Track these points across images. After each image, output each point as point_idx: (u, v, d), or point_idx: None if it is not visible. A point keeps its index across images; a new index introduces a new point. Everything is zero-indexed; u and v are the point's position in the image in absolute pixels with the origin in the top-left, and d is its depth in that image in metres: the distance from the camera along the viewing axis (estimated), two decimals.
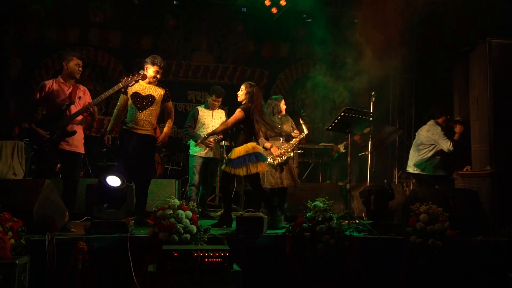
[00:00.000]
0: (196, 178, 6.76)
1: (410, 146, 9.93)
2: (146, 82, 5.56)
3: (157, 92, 5.58)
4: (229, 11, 9.66)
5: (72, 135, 5.10)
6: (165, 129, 5.68)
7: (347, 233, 4.74)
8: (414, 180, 7.28)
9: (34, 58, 9.29)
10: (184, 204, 4.45)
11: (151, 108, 5.53)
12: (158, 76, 5.59)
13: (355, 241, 4.69)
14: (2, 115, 8.78)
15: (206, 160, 6.79)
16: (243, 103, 5.53)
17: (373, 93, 6.45)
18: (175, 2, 9.21)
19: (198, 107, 7.04)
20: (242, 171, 5.32)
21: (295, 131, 6.42)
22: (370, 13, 9.28)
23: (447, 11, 8.06)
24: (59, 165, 5.65)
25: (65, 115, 5.08)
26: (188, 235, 4.24)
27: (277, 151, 6.15)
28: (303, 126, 6.39)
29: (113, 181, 4.60)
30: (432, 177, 6.69)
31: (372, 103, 6.38)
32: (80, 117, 5.20)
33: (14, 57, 9.22)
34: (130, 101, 5.51)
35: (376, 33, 9.44)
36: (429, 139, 6.74)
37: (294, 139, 6.32)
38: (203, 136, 6.07)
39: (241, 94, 5.60)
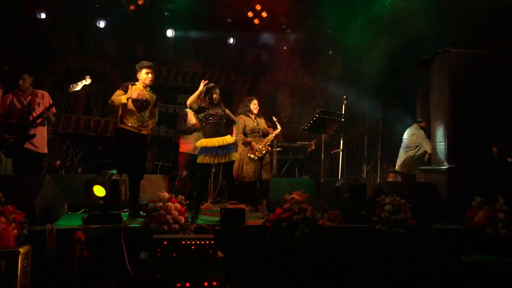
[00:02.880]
0: (184, 173, 6.76)
1: (378, 144, 10.14)
2: (142, 85, 5.40)
3: (151, 97, 5.48)
4: (216, 22, 9.63)
5: (32, 138, 5.47)
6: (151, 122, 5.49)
7: (320, 222, 4.78)
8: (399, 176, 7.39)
9: (37, 64, 9.13)
10: (173, 197, 4.46)
11: (147, 110, 5.43)
12: (150, 75, 5.37)
13: (327, 230, 4.74)
14: None
15: (193, 157, 6.78)
16: None
17: (344, 97, 6.50)
18: (166, 14, 9.15)
19: (186, 109, 7.03)
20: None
21: (270, 128, 6.37)
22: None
23: (412, 23, 8.15)
24: (58, 162, 5.68)
25: (26, 122, 5.43)
26: (176, 225, 4.25)
27: (256, 145, 6.12)
28: (276, 123, 6.37)
29: (99, 191, 4.55)
30: (421, 170, 6.76)
31: (344, 105, 6.44)
32: (40, 120, 5.53)
33: (18, 62, 9.08)
34: (129, 102, 5.29)
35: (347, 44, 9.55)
36: (414, 141, 6.89)
37: (270, 135, 6.27)
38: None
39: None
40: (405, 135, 7.12)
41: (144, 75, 5.37)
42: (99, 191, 4.45)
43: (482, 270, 4.43)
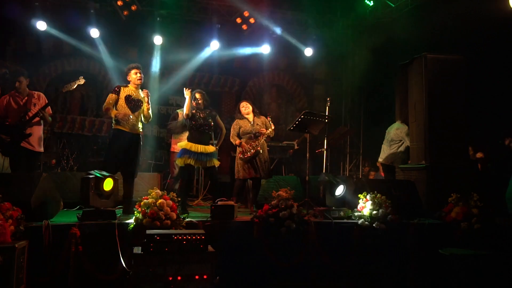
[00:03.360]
0: (176, 171, 6.70)
1: (360, 144, 10.18)
2: (134, 86, 5.38)
3: (142, 95, 5.45)
4: (205, 27, 9.58)
5: (28, 137, 5.39)
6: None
7: (305, 218, 4.76)
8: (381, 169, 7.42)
9: (32, 67, 9.00)
10: (165, 194, 4.41)
11: (140, 109, 5.39)
12: (139, 75, 5.36)
13: (313, 225, 4.72)
14: None
15: None
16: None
17: (328, 99, 6.49)
18: (158, 19, 9.07)
19: (178, 110, 6.98)
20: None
21: (262, 129, 6.13)
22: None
23: (392, 29, 8.20)
24: (54, 160, 5.60)
25: (22, 121, 5.38)
26: (168, 221, 4.20)
27: (246, 146, 6.03)
28: (270, 122, 6.22)
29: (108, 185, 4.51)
30: (400, 168, 6.78)
31: (327, 107, 6.43)
32: (36, 120, 5.44)
33: (14, 65, 8.94)
34: (123, 103, 5.25)
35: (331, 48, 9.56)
36: (398, 136, 6.92)
37: (261, 135, 6.08)
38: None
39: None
40: (390, 130, 7.14)
41: (134, 76, 5.36)
42: (108, 184, 4.42)
43: (458, 263, 4.45)
